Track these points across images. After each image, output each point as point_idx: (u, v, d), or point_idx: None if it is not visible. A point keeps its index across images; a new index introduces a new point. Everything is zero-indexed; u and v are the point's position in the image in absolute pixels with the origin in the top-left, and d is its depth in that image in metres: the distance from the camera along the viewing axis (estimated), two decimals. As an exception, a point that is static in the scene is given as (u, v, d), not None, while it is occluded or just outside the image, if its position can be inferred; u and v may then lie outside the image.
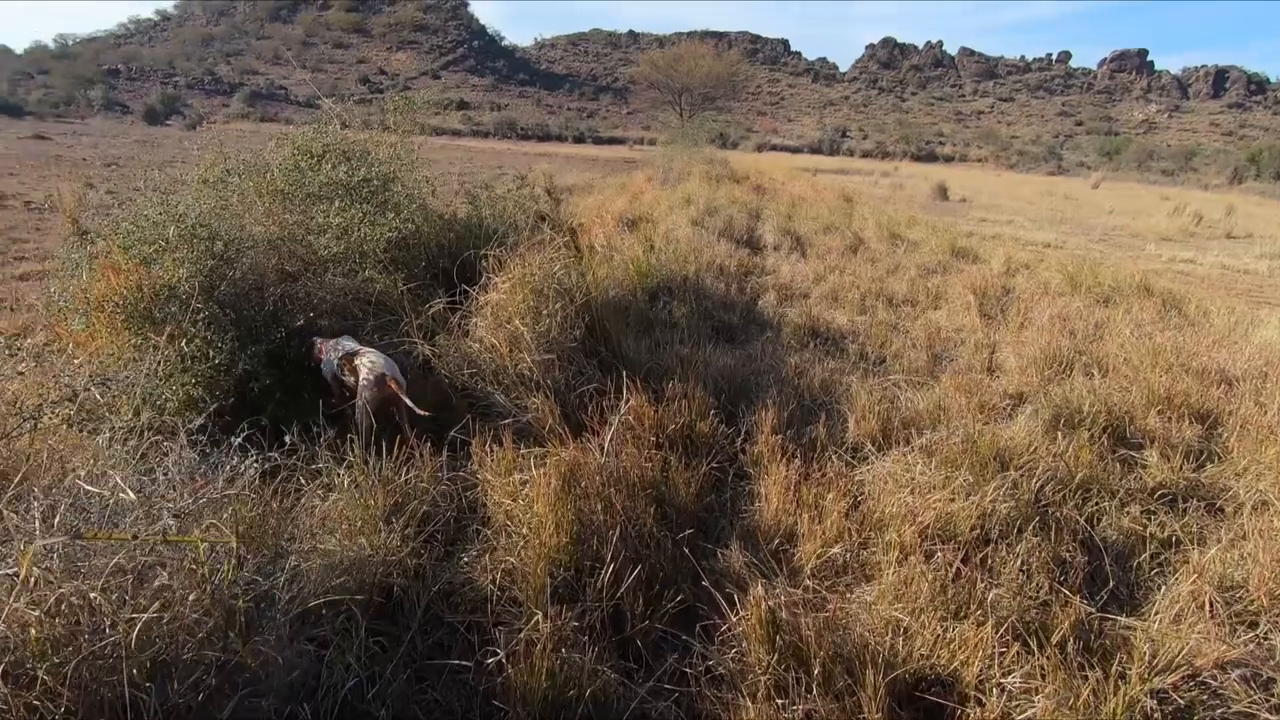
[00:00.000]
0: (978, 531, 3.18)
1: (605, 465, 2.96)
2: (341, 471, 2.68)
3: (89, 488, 1.58)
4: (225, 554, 1.72)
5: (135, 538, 1.50)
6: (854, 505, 3.39)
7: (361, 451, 2.77)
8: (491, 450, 3.06)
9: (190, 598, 1.48)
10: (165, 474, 1.86)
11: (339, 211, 3.99)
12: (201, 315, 2.99)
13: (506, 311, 3.71)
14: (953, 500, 3.32)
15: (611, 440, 3.01)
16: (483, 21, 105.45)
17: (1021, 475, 3.60)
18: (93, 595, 1.38)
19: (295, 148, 4.35)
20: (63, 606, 1.39)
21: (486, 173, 25.07)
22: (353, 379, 3.27)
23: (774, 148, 64.67)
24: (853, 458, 3.92)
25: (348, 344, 3.42)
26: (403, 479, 2.79)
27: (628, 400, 3.46)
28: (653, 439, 3.48)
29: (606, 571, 2.38)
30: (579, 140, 59.85)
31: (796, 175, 27.86)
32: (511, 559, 2.45)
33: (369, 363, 3.27)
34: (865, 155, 66.03)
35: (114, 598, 1.42)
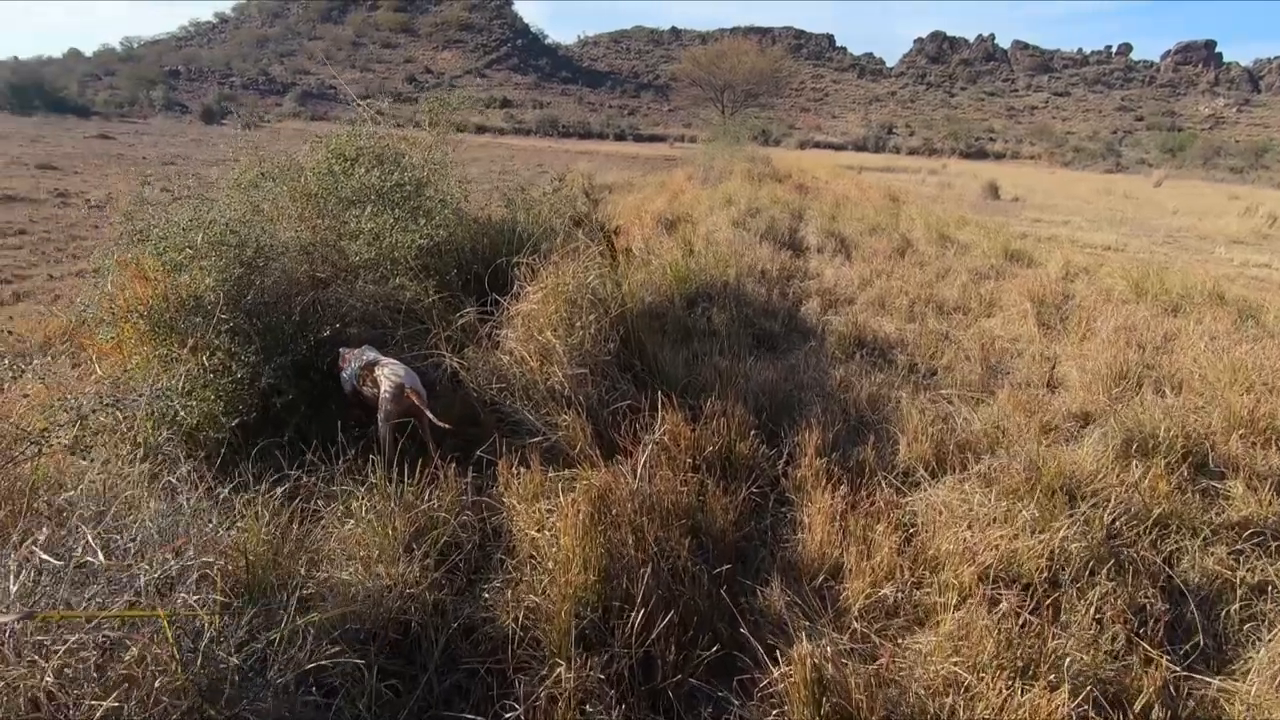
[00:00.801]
0: (1045, 574, 2.90)
1: (638, 491, 2.77)
2: (361, 494, 2.55)
3: (46, 557, 1.45)
4: (212, 613, 1.59)
5: (90, 620, 1.37)
6: (906, 539, 3.13)
7: (383, 472, 2.64)
8: (519, 472, 2.91)
9: (157, 683, 1.34)
10: (143, 530, 1.73)
11: (371, 217, 3.89)
12: (226, 326, 2.91)
13: (538, 322, 3.56)
14: (1016, 537, 3.04)
15: (645, 464, 2.83)
16: (526, 20, 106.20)
17: (1092, 509, 3.29)
18: (48, 680, 1.26)
19: (329, 151, 4.28)
20: (17, 695, 1.26)
21: (527, 171, 25.15)
22: (373, 391, 3.16)
23: (817, 145, 63.57)
24: (903, 483, 3.66)
25: (369, 354, 3.30)
26: (425, 503, 2.65)
27: (663, 420, 3.27)
28: (689, 461, 3.28)
29: (637, 616, 2.20)
30: (620, 138, 59.76)
31: (840, 173, 27.24)
32: (535, 598, 2.29)
33: (389, 374, 3.15)
34: (912, 152, 64.38)
35: (73, 682, 1.30)
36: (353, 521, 2.47)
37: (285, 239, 3.79)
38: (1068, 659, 2.41)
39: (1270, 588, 3.12)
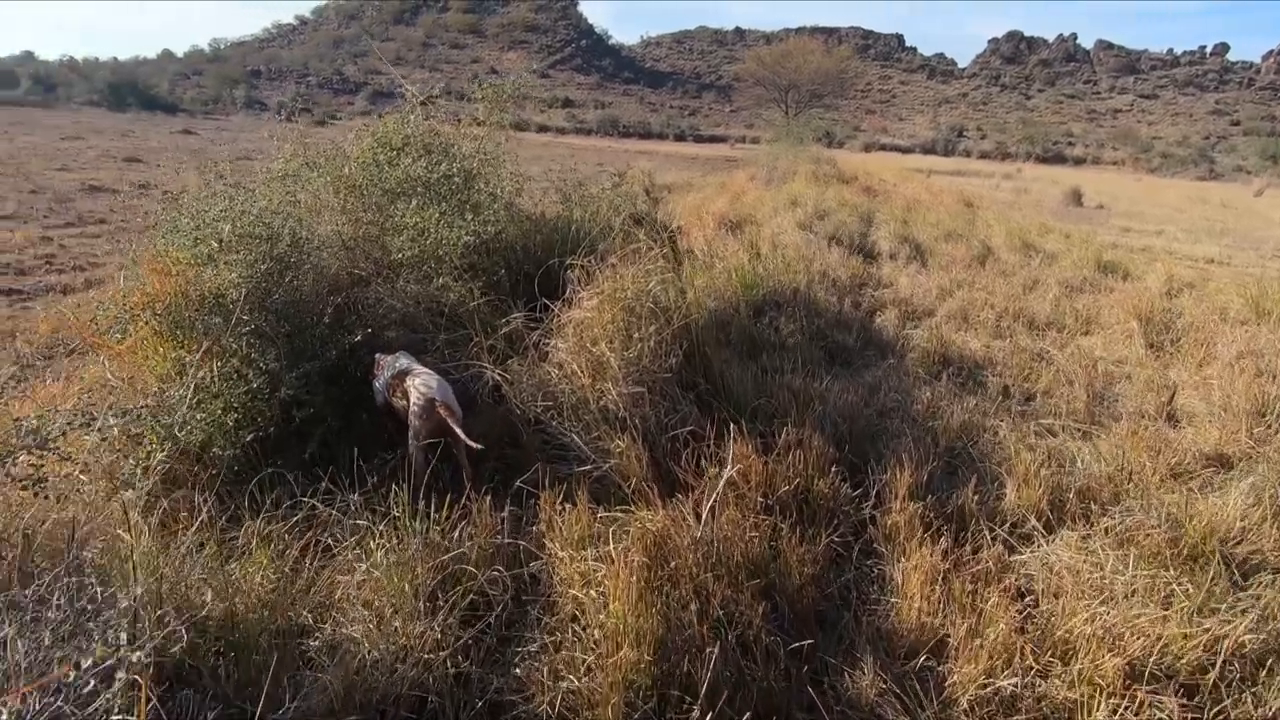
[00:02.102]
0: (1210, 670, 2.31)
1: (702, 540, 2.33)
2: (381, 531, 2.19)
3: None
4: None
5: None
6: (1025, 612, 2.58)
7: (408, 504, 2.27)
8: (563, 509, 2.50)
9: None
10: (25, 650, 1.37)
11: (416, 210, 3.57)
12: (246, 328, 2.61)
13: (592, 332, 3.16)
14: (1166, 618, 2.46)
15: (711, 508, 2.38)
16: (591, 21, 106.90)
17: (1269, 588, 2.66)
18: None
19: (374, 139, 3.98)
20: None
21: (586, 169, 24.97)
22: (403, 404, 2.80)
23: (883, 148, 61.69)
24: (1012, 535, 3.09)
25: (402, 361, 2.96)
26: (454, 545, 2.27)
27: (731, 453, 2.81)
28: (760, 500, 2.82)
29: (700, 713, 1.75)
30: (680, 138, 59.29)
31: (909, 176, 26.11)
32: (577, 679, 1.87)
33: (419, 385, 2.79)
34: (983, 156, 61.71)
35: None
36: (369, 563, 2.11)
37: (324, 233, 3.50)
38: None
39: None
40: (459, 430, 2.63)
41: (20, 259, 8.99)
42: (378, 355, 3.11)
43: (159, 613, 1.73)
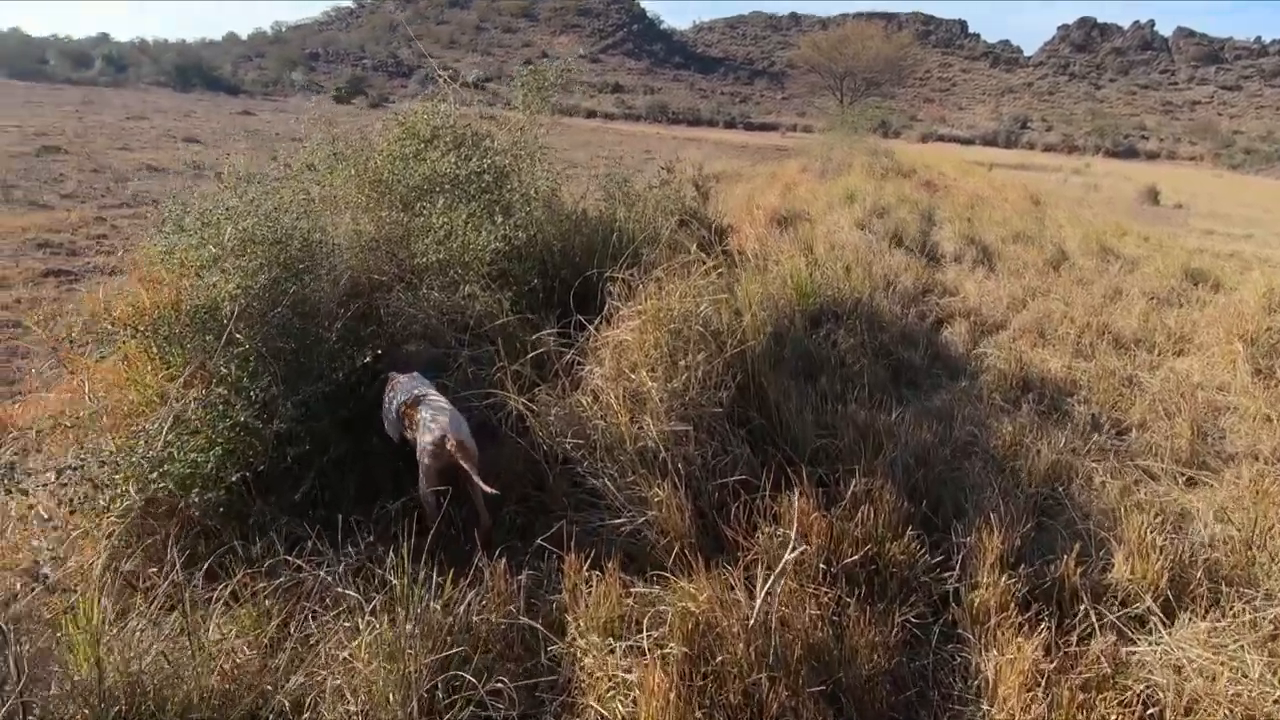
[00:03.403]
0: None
1: (754, 628, 1.91)
2: (373, 605, 1.84)
3: None
4: None
5: None
6: (1152, 733, 2.10)
7: (407, 569, 1.92)
8: (590, 578, 2.12)
9: None
10: None
11: (443, 211, 3.22)
12: (238, 349, 2.29)
13: (631, 357, 2.76)
14: (1340, 756, 1.95)
15: (767, 588, 1.97)
16: (644, 5, 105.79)
17: None
18: None
19: (403, 129, 3.64)
20: None
21: (633, 157, 24.54)
22: (414, 437, 2.45)
23: (941, 138, 59.46)
24: (1122, 614, 2.58)
25: (419, 387, 2.60)
26: (459, 621, 1.91)
27: (795, 525, 2.38)
28: (822, 567, 2.38)
29: None
30: (730, 125, 58.14)
31: (970, 170, 24.89)
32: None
33: (430, 419, 2.44)
34: (1048, 149, 58.85)
35: None
36: (354, 645, 1.77)
37: (342, 233, 3.18)
38: None
39: None
40: (474, 474, 2.27)
41: (73, 239, 9.06)
42: (392, 374, 2.78)
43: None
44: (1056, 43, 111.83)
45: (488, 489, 2.26)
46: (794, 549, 2.10)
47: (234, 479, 2.10)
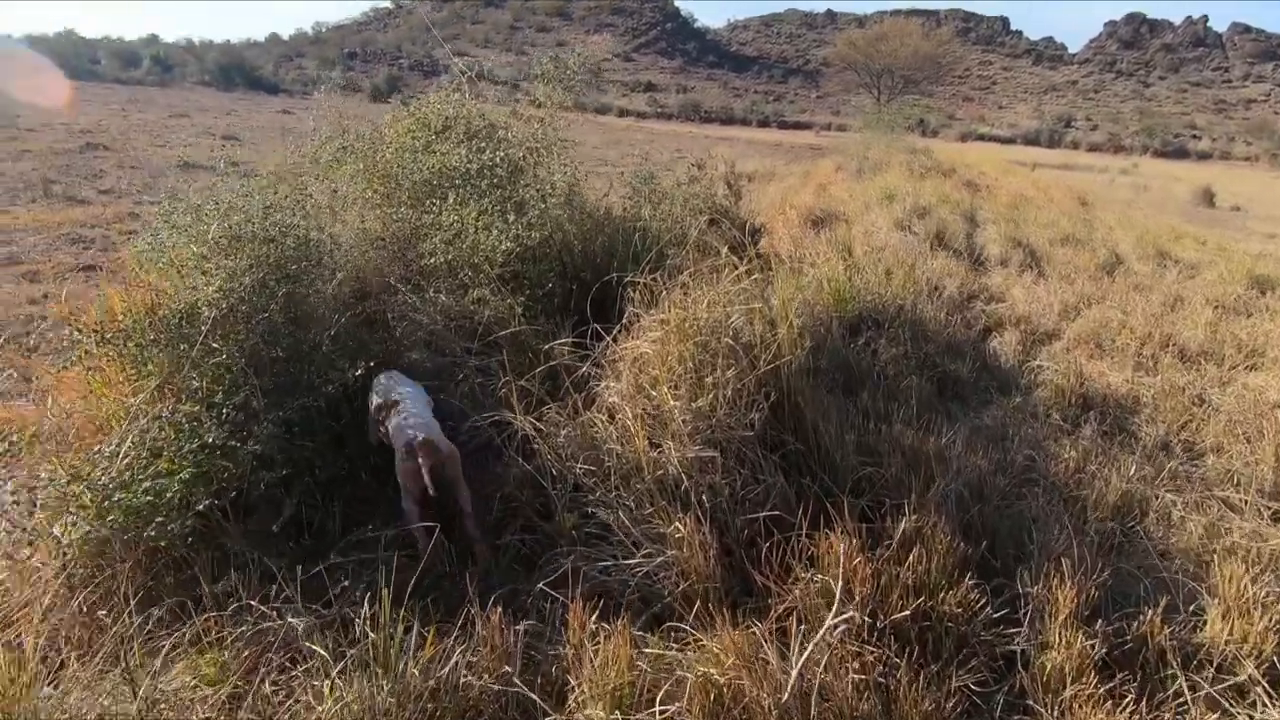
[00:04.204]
0: None
1: (789, 703, 1.61)
2: (344, 663, 1.58)
3: None
4: None
5: None
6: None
7: (387, 619, 1.65)
8: (599, 634, 1.83)
9: None
10: None
11: (452, 208, 2.96)
12: (213, 358, 2.06)
13: (652, 372, 2.47)
14: None
15: (804, 656, 1.66)
16: (678, 3, 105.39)
17: None
18: None
19: (414, 119, 3.40)
20: None
21: (664, 155, 24.27)
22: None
23: (980, 137, 57.99)
24: (1216, 680, 2.22)
25: (398, 385, 2.38)
26: (445, 685, 1.63)
27: (830, 549, 2.06)
28: (866, 620, 2.06)
29: None
30: (763, 124, 57.43)
31: (1012, 169, 24.07)
32: None
33: (399, 424, 2.23)
34: (1093, 149, 56.91)
35: None
36: (324, 711, 1.51)
37: (348, 231, 2.95)
38: None
39: None
40: (426, 479, 2.00)
41: (106, 234, 9.10)
42: (380, 376, 2.53)
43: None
44: (1103, 39, 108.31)
45: (466, 506, 2.01)
46: (838, 614, 1.79)
47: (202, 506, 1.87)
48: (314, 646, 1.62)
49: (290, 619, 1.73)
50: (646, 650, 1.81)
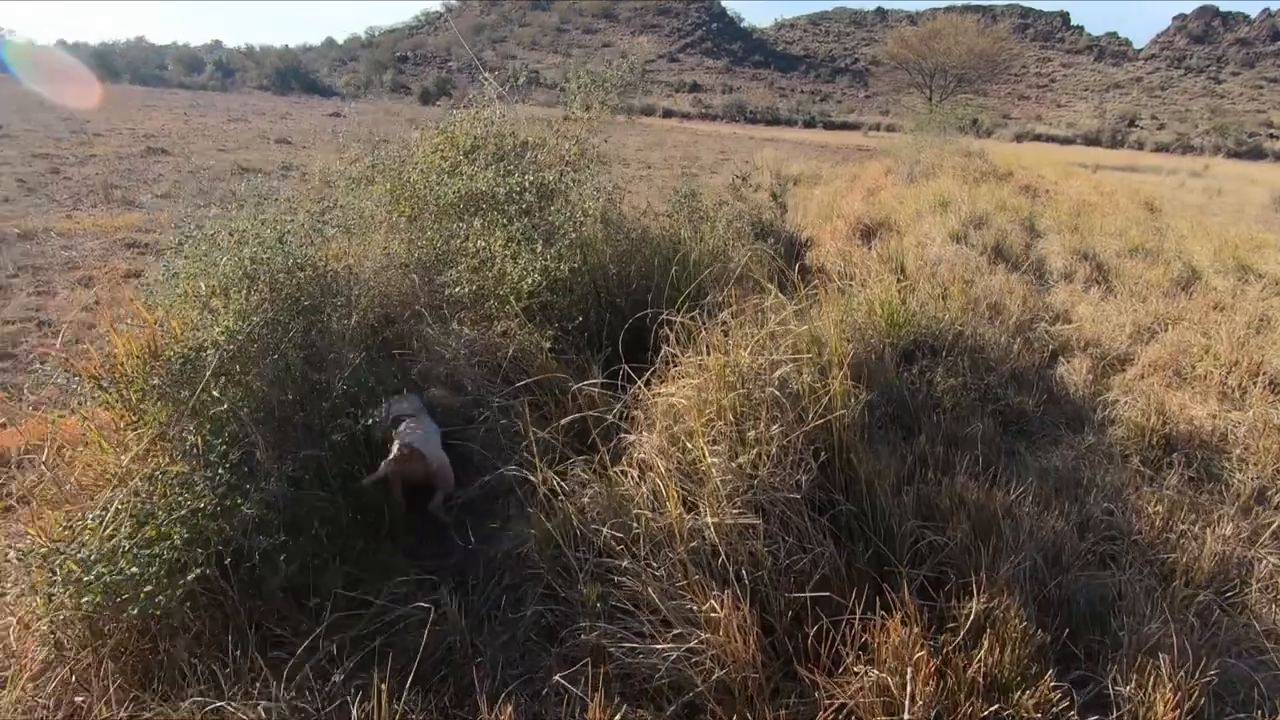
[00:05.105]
0: None
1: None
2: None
3: None
4: None
5: None
6: None
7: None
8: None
9: None
10: None
11: (479, 234, 2.78)
12: (212, 408, 1.91)
13: (688, 423, 2.23)
14: None
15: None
16: (724, 3, 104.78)
17: None
18: None
19: (443, 137, 3.23)
20: None
21: (708, 156, 23.97)
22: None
23: (1037, 138, 55.92)
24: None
25: (406, 407, 2.36)
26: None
27: (886, 637, 1.79)
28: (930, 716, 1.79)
29: None
30: (809, 125, 56.54)
31: (1072, 172, 22.93)
32: None
33: (405, 431, 2.33)
34: (1159, 149, 54.23)
35: None
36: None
37: (371, 253, 2.80)
38: None
39: None
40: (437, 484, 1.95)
41: (158, 239, 9.30)
42: (392, 399, 2.44)
43: None
44: (1171, 34, 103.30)
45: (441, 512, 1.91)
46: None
47: (193, 576, 1.71)
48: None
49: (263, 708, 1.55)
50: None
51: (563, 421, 2.33)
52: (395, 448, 2.34)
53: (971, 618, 2.02)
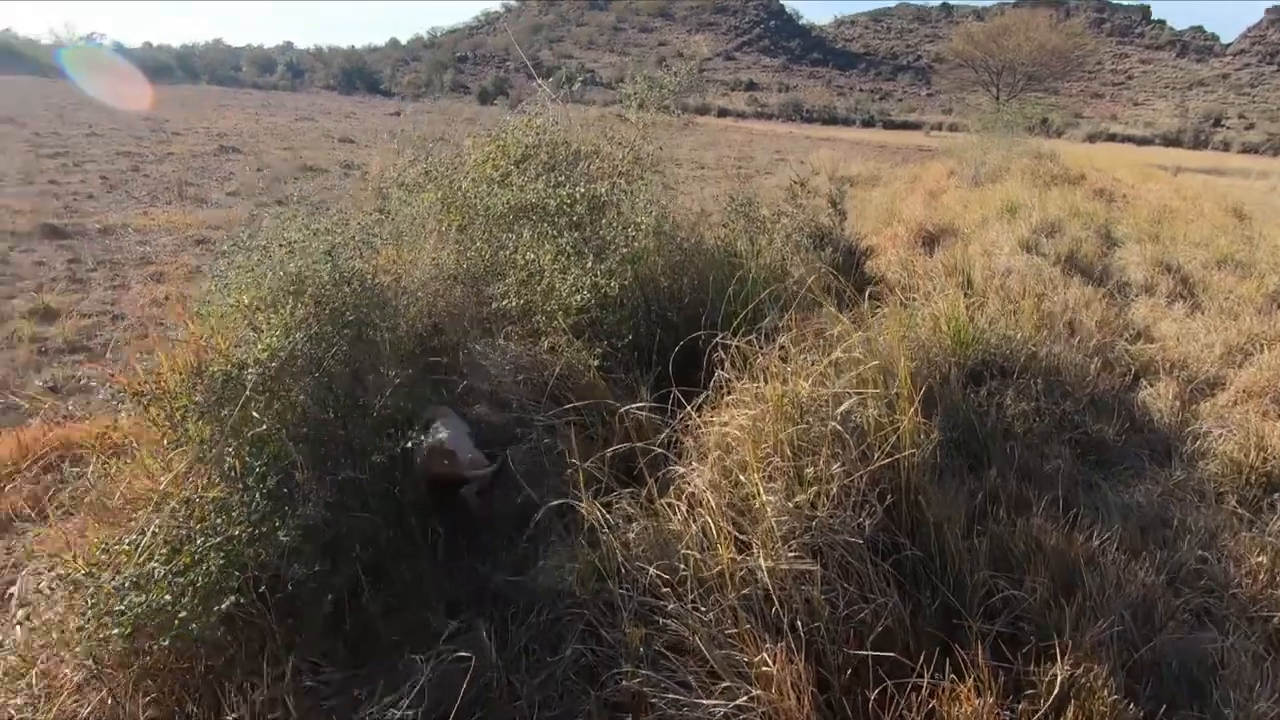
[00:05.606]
0: None
1: None
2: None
3: None
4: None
5: None
6: None
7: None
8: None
9: None
10: None
11: (528, 245, 2.70)
12: (252, 426, 1.86)
13: (741, 457, 2.09)
14: None
15: None
16: (782, 1, 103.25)
17: None
18: None
19: (494, 146, 3.17)
20: None
21: (763, 157, 23.60)
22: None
23: (1111, 137, 53.19)
24: None
25: (439, 420, 2.34)
26: None
27: (958, 709, 1.62)
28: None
29: None
30: (867, 124, 55.19)
31: (1151, 175, 21.62)
32: None
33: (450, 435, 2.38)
34: (1247, 150, 50.86)
35: None
36: None
37: (421, 261, 2.75)
38: None
39: None
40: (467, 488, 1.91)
41: (228, 236, 9.63)
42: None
43: None
44: (1264, 27, 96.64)
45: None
46: None
47: (227, 604, 1.67)
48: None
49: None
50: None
51: (608, 452, 2.21)
52: (426, 447, 2.37)
53: (1056, 689, 1.82)
